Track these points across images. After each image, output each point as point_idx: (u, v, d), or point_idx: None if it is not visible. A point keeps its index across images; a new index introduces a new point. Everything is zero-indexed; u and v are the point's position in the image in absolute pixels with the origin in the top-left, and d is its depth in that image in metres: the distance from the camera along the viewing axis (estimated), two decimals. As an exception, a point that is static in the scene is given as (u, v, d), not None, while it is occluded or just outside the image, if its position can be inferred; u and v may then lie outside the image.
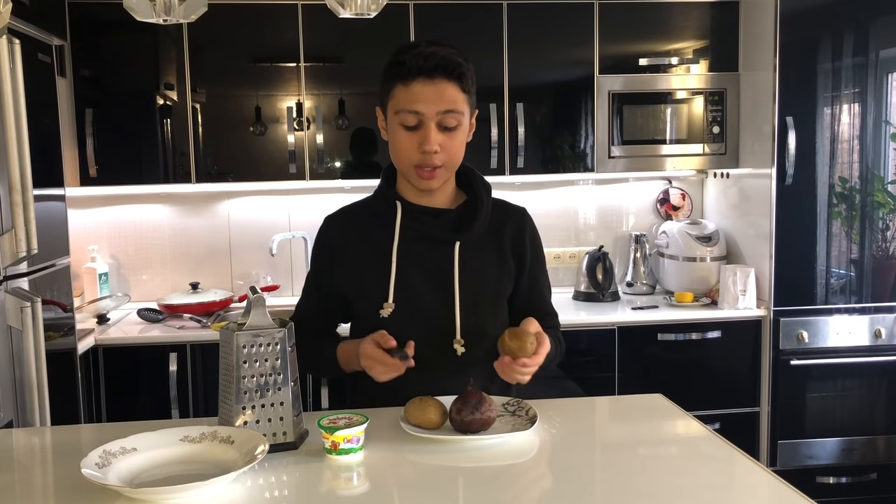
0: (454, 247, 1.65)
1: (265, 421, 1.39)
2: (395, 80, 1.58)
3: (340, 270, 1.71)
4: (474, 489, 1.28)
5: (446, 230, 1.68)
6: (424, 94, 1.56)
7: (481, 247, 1.69)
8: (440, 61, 1.56)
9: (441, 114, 1.57)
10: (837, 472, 3.21)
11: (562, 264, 3.68)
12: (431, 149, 1.57)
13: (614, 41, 3.27)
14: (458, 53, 1.59)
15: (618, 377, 3.12)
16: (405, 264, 1.65)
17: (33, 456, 1.55)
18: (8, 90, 2.05)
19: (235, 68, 3.16)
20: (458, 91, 1.58)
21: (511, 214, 1.76)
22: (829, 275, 3.16)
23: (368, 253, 1.68)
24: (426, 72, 1.55)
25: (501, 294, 1.73)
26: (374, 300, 1.64)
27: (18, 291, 2.17)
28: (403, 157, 1.62)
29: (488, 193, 1.73)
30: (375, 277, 1.65)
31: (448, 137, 1.60)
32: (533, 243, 1.77)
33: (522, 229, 1.75)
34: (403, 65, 1.56)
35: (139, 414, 2.91)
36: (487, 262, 1.70)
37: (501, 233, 1.72)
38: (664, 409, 1.65)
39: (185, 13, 1.71)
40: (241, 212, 3.54)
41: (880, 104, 3.13)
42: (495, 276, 1.71)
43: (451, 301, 1.64)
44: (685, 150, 3.34)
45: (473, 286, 1.66)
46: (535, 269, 1.77)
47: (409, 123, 1.58)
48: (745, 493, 1.30)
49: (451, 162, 1.63)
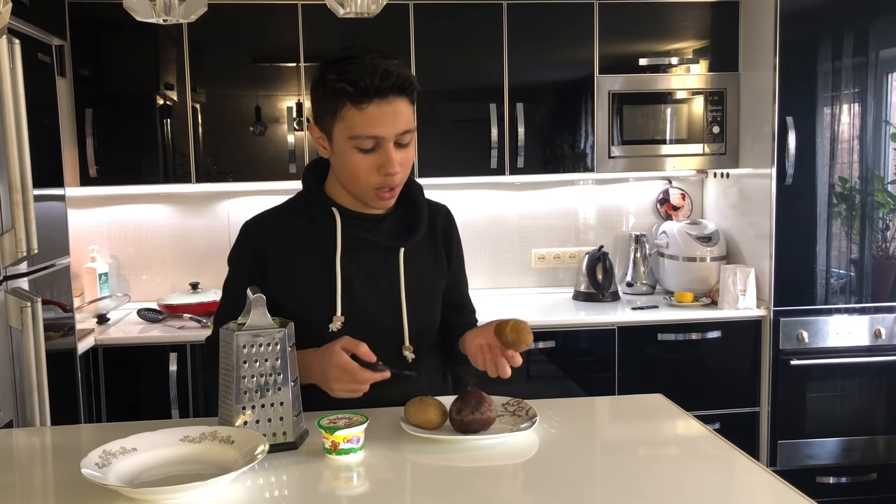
0: (398, 253, 1.63)
1: (265, 421, 1.39)
2: (343, 100, 1.47)
3: (274, 280, 1.59)
4: (474, 489, 1.28)
5: (390, 237, 1.63)
6: (381, 117, 1.47)
7: (420, 249, 1.67)
8: (396, 80, 1.46)
9: (399, 134, 1.50)
10: (837, 472, 3.21)
11: (562, 264, 3.68)
12: (395, 170, 1.51)
13: (614, 41, 3.27)
14: (403, 65, 1.50)
15: (618, 377, 3.12)
16: (349, 274, 1.59)
17: (33, 456, 1.54)
18: (8, 90, 2.05)
19: (235, 68, 3.16)
20: (409, 105, 1.51)
21: (438, 213, 1.74)
22: (829, 275, 3.16)
23: (307, 262, 1.60)
24: (381, 92, 1.46)
25: (439, 293, 1.73)
26: (319, 313, 1.57)
27: (18, 291, 2.17)
28: (362, 180, 1.53)
29: (422, 195, 1.70)
30: (320, 288, 1.58)
31: (404, 154, 1.53)
32: (457, 241, 1.77)
33: (449, 228, 1.75)
34: (357, 85, 1.45)
35: (139, 414, 2.91)
36: (426, 264, 1.69)
37: (434, 232, 1.71)
38: (664, 409, 1.65)
39: (185, 13, 1.71)
40: (241, 212, 3.53)
41: (880, 104, 3.13)
42: (433, 277, 1.71)
43: (397, 308, 1.61)
44: (685, 150, 3.34)
45: (416, 290, 1.64)
46: (459, 266, 1.78)
47: (365, 147, 1.50)
48: (745, 493, 1.30)
49: (405, 178, 1.58)
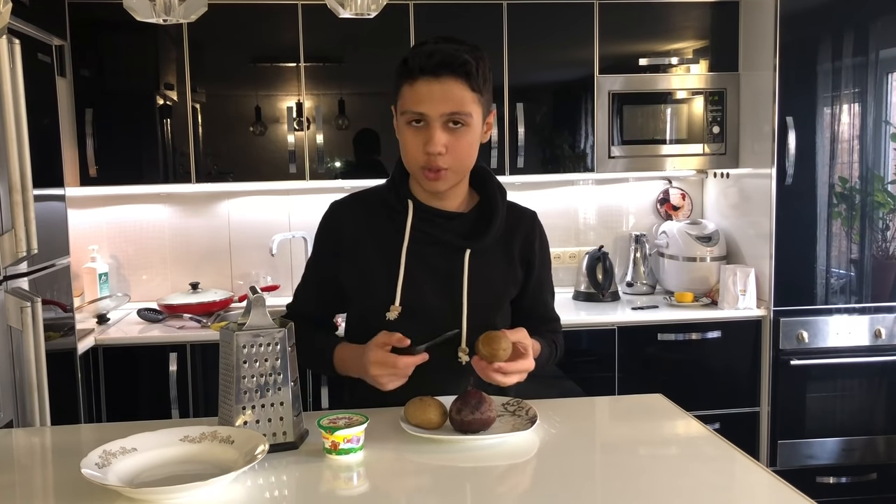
0: (465, 253, 1.62)
1: (265, 421, 1.39)
2: (401, 78, 1.54)
3: (346, 262, 1.65)
4: (474, 489, 1.28)
5: (458, 236, 1.63)
6: (429, 93, 1.50)
7: (491, 253, 1.65)
8: (444, 58, 1.49)
9: (446, 115, 1.51)
10: (837, 472, 3.21)
11: (562, 264, 3.68)
12: (435, 150, 1.51)
13: (614, 41, 3.27)
14: (467, 50, 1.52)
15: (618, 377, 3.12)
16: (414, 267, 1.60)
17: (33, 456, 1.54)
18: (8, 90, 2.05)
19: (235, 68, 3.16)
20: (466, 90, 1.51)
21: (522, 219, 1.72)
22: (829, 275, 3.16)
23: (377, 249, 1.63)
24: (429, 70, 1.49)
25: (506, 299, 1.70)
26: (379, 301, 1.59)
27: (18, 291, 2.17)
28: (410, 157, 1.57)
29: (503, 198, 1.68)
30: (383, 277, 1.61)
31: (454, 138, 1.53)
32: (542, 249, 1.74)
33: (532, 235, 1.72)
34: (407, 62, 1.52)
35: (139, 414, 2.91)
36: (495, 268, 1.66)
37: (511, 237, 1.69)
38: (664, 409, 1.65)
39: (185, 13, 1.71)
40: (241, 212, 3.54)
41: (880, 104, 3.13)
42: (502, 283, 1.68)
43: (458, 307, 1.60)
44: (685, 150, 3.34)
45: (480, 292, 1.62)
46: (542, 275, 1.75)
47: (414, 123, 1.53)
48: (745, 493, 1.30)
49: (458, 165, 1.56)
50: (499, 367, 1.47)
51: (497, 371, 1.47)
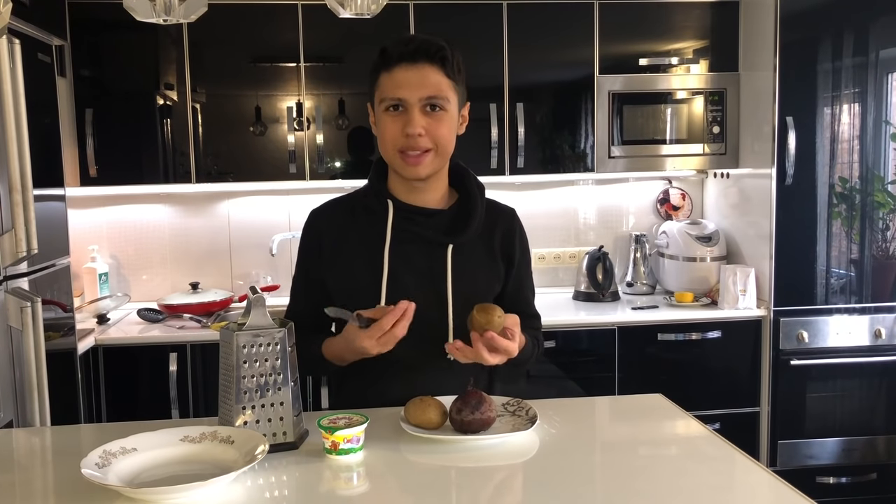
0: (447, 249, 1.64)
1: (265, 421, 1.39)
2: (379, 70, 1.58)
3: (330, 267, 1.67)
4: (474, 489, 1.28)
5: (439, 232, 1.65)
6: (406, 79, 1.54)
7: (472, 248, 1.67)
8: (420, 45, 1.55)
9: (424, 99, 1.55)
10: (837, 472, 3.21)
11: (562, 264, 3.68)
12: (415, 131, 1.54)
13: (614, 41, 3.27)
14: (442, 40, 1.58)
15: (618, 377, 3.12)
16: (397, 265, 1.62)
17: (33, 456, 1.54)
18: (8, 90, 2.05)
19: (235, 68, 3.16)
20: (442, 76, 1.56)
21: (501, 215, 1.74)
22: (829, 275, 3.16)
23: (359, 251, 1.65)
24: (407, 56, 1.54)
25: (490, 295, 1.71)
26: (364, 301, 1.59)
27: (18, 291, 2.17)
28: (389, 142, 1.58)
29: (482, 194, 1.71)
30: (366, 277, 1.62)
31: (433, 120, 1.56)
32: (522, 245, 1.76)
33: (512, 230, 1.74)
34: (385, 52, 1.57)
35: (139, 414, 2.91)
36: (478, 264, 1.68)
37: (492, 234, 1.71)
38: (664, 409, 1.65)
39: (185, 13, 1.71)
40: (241, 212, 3.54)
41: (880, 104, 3.13)
42: (485, 278, 1.70)
43: (443, 304, 1.62)
44: (685, 150, 3.34)
45: (464, 288, 1.64)
46: (522, 271, 1.77)
47: (391, 108, 1.57)
48: (745, 493, 1.30)
49: (439, 148, 1.58)
50: (490, 337, 1.47)
51: (487, 342, 1.47)
